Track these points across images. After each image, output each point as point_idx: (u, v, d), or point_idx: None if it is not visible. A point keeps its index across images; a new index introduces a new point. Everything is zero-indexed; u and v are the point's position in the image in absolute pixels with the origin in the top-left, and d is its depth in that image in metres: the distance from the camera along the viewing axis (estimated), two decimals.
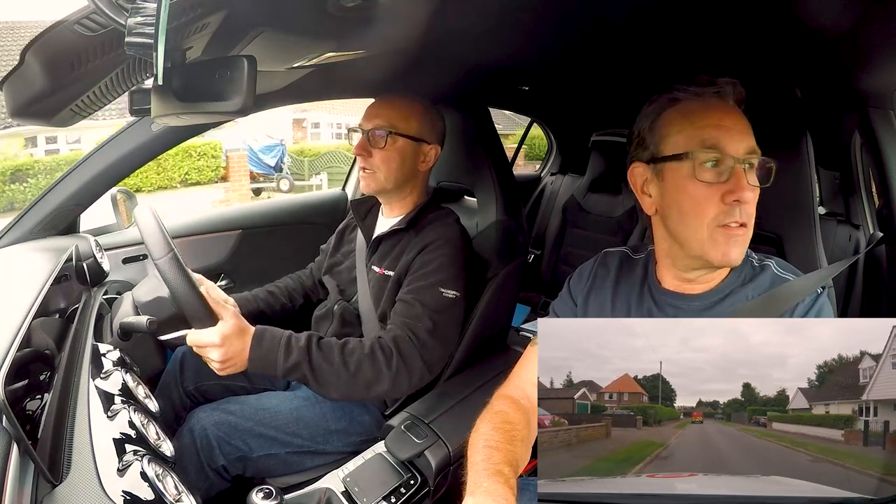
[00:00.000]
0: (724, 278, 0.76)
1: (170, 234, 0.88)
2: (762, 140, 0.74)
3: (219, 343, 0.88)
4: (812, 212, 0.89)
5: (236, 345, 0.90)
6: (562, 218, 2.53)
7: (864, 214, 1.98)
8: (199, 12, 0.52)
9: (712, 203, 0.67)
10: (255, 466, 1.04)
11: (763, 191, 0.71)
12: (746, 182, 0.66)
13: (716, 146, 0.67)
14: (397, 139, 1.12)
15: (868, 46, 0.79)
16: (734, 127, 0.68)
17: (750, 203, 0.67)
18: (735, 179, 0.66)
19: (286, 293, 1.33)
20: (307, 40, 0.77)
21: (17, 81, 0.60)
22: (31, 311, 0.71)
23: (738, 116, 0.70)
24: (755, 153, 0.68)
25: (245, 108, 0.55)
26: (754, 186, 0.67)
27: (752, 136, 0.69)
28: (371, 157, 1.12)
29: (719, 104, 0.70)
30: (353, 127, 1.18)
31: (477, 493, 0.58)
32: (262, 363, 0.93)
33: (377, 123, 1.12)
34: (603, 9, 0.80)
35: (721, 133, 0.67)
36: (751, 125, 0.70)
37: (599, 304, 0.83)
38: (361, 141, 1.13)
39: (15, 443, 0.52)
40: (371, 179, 1.14)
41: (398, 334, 1.02)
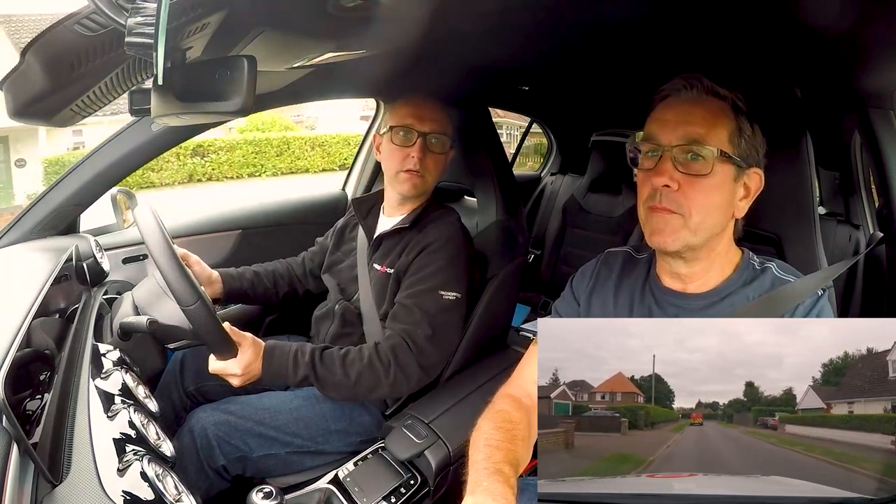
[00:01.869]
0: (726, 279, 0.76)
1: (169, 234, 0.88)
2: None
3: (241, 374, 0.95)
4: (812, 212, 0.89)
5: (254, 368, 0.97)
6: (562, 218, 2.53)
7: (864, 214, 1.98)
8: (199, 12, 0.52)
9: (646, 187, 0.73)
10: (255, 466, 1.04)
11: (763, 190, 0.72)
12: (671, 167, 0.70)
13: (652, 137, 0.73)
14: (448, 142, 1.16)
15: (868, 46, 0.79)
16: (674, 119, 0.72)
17: (678, 190, 0.70)
18: (659, 164, 0.72)
19: (271, 277, 1.34)
20: (307, 40, 0.77)
21: (18, 81, 0.60)
22: (31, 311, 0.71)
23: (687, 109, 0.72)
24: (693, 143, 0.70)
25: (245, 108, 0.55)
26: (683, 174, 0.70)
27: (702, 126, 0.70)
28: (425, 159, 1.13)
29: (677, 101, 0.73)
30: (391, 126, 1.15)
31: (477, 492, 0.58)
32: (274, 377, 0.99)
33: (435, 128, 1.14)
34: (603, 9, 0.80)
35: (659, 126, 0.73)
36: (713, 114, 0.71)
37: (601, 302, 0.83)
38: (420, 143, 1.12)
39: (15, 443, 0.52)
40: (420, 181, 1.15)
41: (396, 342, 1.05)
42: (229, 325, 0.94)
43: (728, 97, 0.72)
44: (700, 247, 0.73)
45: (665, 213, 0.71)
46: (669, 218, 0.71)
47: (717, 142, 0.70)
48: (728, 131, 0.71)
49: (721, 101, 0.72)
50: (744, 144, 0.71)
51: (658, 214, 0.72)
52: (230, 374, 0.95)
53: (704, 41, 0.96)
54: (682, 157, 0.70)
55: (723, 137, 0.70)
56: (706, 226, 0.71)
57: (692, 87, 0.73)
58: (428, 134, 1.12)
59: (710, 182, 0.70)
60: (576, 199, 2.49)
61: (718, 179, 0.70)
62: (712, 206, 0.71)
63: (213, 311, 0.90)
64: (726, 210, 0.73)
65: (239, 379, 0.96)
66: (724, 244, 0.76)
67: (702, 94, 0.72)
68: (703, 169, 0.70)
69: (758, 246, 0.86)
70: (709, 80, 0.72)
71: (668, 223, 0.72)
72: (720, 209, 0.72)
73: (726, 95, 0.72)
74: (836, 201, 2.08)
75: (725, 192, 0.72)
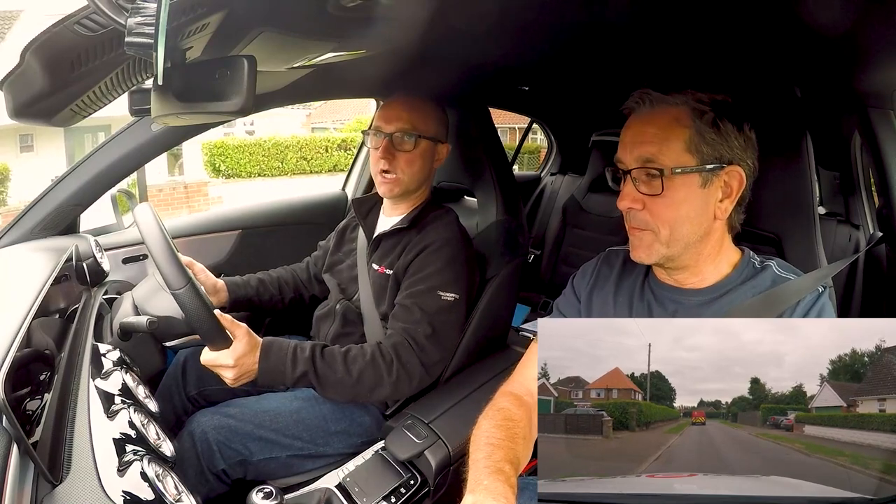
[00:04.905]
0: (724, 277, 0.76)
1: (169, 234, 0.88)
2: (763, 140, 0.74)
3: (233, 365, 0.91)
4: (812, 212, 0.89)
5: (249, 361, 0.94)
6: (562, 218, 2.53)
7: (864, 214, 1.98)
8: (199, 12, 0.52)
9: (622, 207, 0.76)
10: (255, 470, 1.03)
11: (763, 190, 0.72)
12: (632, 189, 0.73)
13: (618, 160, 0.75)
14: (421, 141, 1.12)
15: (868, 46, 0.79)
16: (630, 140, 0.73)
17: (643, 210, 0.72)
18: (623, 188, 0.74)
19: (276, 284, 1.34)
20: (307, 40, 0.77)
21: (17, 81, 0.59)
22: (31, 311, 0.71)
23: (639, 129, 0.73)
24: (647, 162, 0.71)
25: (245, 108, 0.55)
26: (644, 194, 0.72)
27: (653, 144, 0.70)
28: (394, 160, 1.11)
29: (634, 120, 0.75)
30: (367, 129, 1.16)
31: (477, 491, 0.58)
32: (271, 375, 0.96)
33: (401, 126, 1.11)
34: (603, 8, 0.80)
35: (621, 148, 0.75)
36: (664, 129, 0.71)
37: (602, 301, 0.84)
38: (385, 144, 1.11)
39: (15, 443, 0.52)
40: (394, 184, 1.13)
41: (397, 340, 1.04)
42: (221, 313, 0.92)
43: (683, 103, 0.71)
44: (679, 255, 0.74)
45: (637, 231, 0.75)
46: (642, 235, 0.74)
47: (670, 157, 0.70)
48: (684, 140, 0.70)
49: (675, 109, 0.71)
50: (706, 148, 0.70)
51: (633, 233, 0.76)
52: (223, 366, 0.92)
53: (705, 41, 0.96)
54: (642, 178, 0.72)
55: (677, 149, 0.70)
56: (678, 237, 0.72)
57: (644, 101, 0.73)
58: (393, 134, 1.11)
59: (671, 197, 0.71)
60: (576, 199, 2.49)
61: (681, 192, 0.71)
62: (680, 219, 0.72)
63: (205, 298, 0.89)
64: (699, 217, 0.72)
65: (232, 371, 0.92)
66: (712, 246, 0.76)
67: (655, 106, 0.73)
68: (657, 188, 0.71)
69: (758, 246, 0.86)
70: (657, 92, 0.73)
71: (641, 240, 0.75)
72: (690, 219, 0.72)
73: (679, 102, 0.71)
74: (836, 201, 2.08)
75: (693, 201, 0.71)
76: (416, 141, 1.12)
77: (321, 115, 17.71)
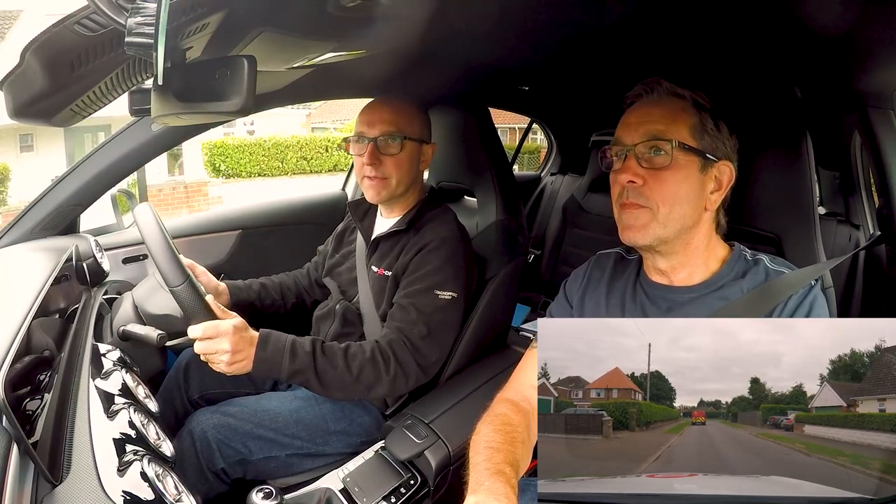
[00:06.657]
0: (714, 273, 0.77)
1: (169, 234, 0.88)
2: (763, 140, 0.74)
3: (229, 349, 0.88)
4: (812, 212, 0.89)
5: (245, 338, 0.92)
6: (562, 218, 2.53)
7: (864, 214, 1.98)
8: (199, 12, 0.52)
9: (616, 186, 0.76)
10: (255, 469, 1.03)
11: (763, 190, 0.72)
12: (635, 164, 0.73)
13: (618, 141, 0.76)
14: (406, 143, 1.11)
15: (868, 46, 0.79)
16: (636, 121, 0.75)
17: (644, 185, 0.73)
18: (624, 163, 0.75)
19: (279, 289, 1.34)
20: (307, 40, 0.77)
21: (17, 81, 0.59)
22: (31, 311, 0.71)
23: (647, 110, 0.75)
24: (654, 138, 0.72)
25: (245, 108, 0.55)
26: (647, 168, 0.73)
27: (661, 123, 0.73)
28: (381, 164, 1.10)
29: (640, 105, 0.77)
30: (351, 136, 1.14)
31: (479, 492, 0.58)
32: (267, 366, 0.94)
33: (385, 129, 1.10)
34: (603, 9, 0.80)
35: (623, 129, 0.76)
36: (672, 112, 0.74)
37: (594, 304, 0.84)
38: (370, 149, 1.09)
39: (15, 443, 0.52)
40: (382, 188, 1.12)
41: (393, 338, 1.04)
42: (215, 302, 0.92)
43: (688, 96, 0.75)
44: (672, 239, 0.75)
45: (634, 209, 0.74)
46: (639, 213, 0.74)
47: (678, 135, 0.72)
48: (689, 126, 0.73)
49: (681, 101, 0.75)
50: (707, 138, 0.73)
51: (627, 210, 0.75)
52: (220, 350, 0.88)
53: (705, 41, 0.96)
54: (645, 154, 0.73)
55: (683, 131, 0.73)
56: (675, 217, 0.73)
57: (652, 90, 0.76)
58: (378, 137, 1.09)
59: (674, 174, 0.72)
60: (576, 199, 2.49)
61: (683, 171, 0.72)
62: (679, 197, 0.73)
63: (202, 293, 0.89)
64: (695, 202, 0.74)
65: (228, 356, 0.89)
66: (701, 238, 0.77)
67: (662, 96, 0.76)
68: (664, 161, 0.72)
69: (758, 246, 0.86)
70: (668, 82, 0.75)
71: (637, 218, 0.74)
72: (688, 200, 0.73)
73: (685, 95, 0.75)
74: (836, 201, 2.08)
75: (692, 183, 0.73)
76: (402, 143, 1.10)
77: (321, 115, 17.76)
